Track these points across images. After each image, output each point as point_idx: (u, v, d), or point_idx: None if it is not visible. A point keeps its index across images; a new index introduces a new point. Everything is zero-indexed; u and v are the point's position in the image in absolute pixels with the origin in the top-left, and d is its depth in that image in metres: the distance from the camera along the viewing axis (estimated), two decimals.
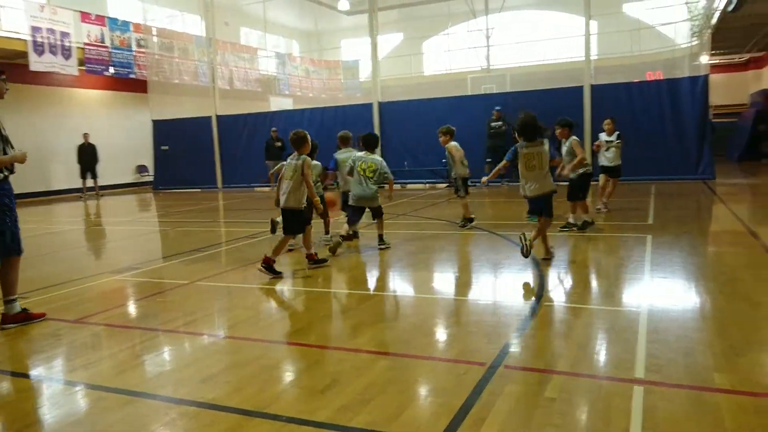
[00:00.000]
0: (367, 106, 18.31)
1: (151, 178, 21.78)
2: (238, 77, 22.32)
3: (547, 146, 6.49)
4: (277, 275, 6.16)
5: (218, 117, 20.07)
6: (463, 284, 5.90)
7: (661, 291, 5.13)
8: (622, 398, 3.01)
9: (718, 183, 14.05)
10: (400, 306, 5.20)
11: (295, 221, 6.42)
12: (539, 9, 25.97)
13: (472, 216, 8.93)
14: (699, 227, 8.28)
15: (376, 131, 17.92)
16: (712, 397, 2.99)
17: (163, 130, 20.68)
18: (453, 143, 8.87)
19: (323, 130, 18.56)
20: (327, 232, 8.08)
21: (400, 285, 6.09)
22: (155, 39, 19.90)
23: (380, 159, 7.77)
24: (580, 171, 7.98)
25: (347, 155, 8.16)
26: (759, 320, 4.16)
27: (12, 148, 4.76)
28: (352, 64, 27.63)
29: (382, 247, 7.51)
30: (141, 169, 22.66)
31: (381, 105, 18.08)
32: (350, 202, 7.73)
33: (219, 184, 20.20)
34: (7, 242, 4.72)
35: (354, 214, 7.77)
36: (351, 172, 7.68)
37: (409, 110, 17.67)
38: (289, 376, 3.61)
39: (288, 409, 3.06)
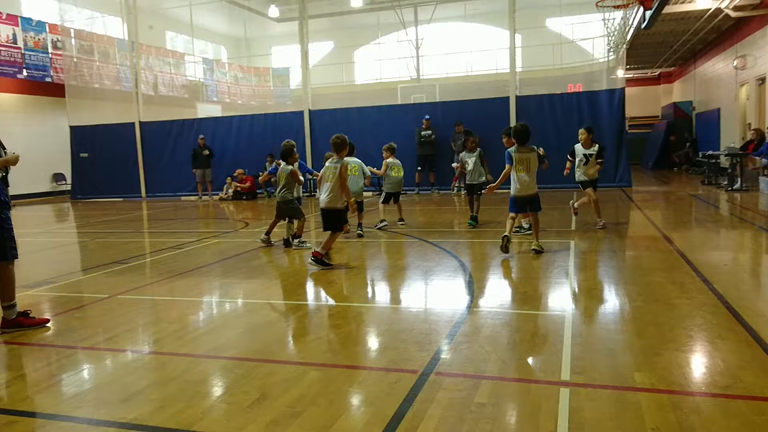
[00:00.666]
0: (298, 114, 18.16)
1: (68, 187, 20.70)
2: (163, 83, 21.67)
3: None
4: (329, 266, 6.68)
5: (142, 123, 19.35)
6: (394, 292, 5.91)
7: (585, 294, 5.31)
8: (549, 401, 3.08)
9: (634, 190, 14.80)
10: (330, 315, 5.14)
11: (335, 219, 6.93)
12: (467, 22, 26.65)
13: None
14: (618, 232, 8.67)
15: (307, 139, 17.80)
16: (633, 396, 3.10)
17: (81, 136, 19.72)
18: (391, 159, 9.83)
19: (252, 137, 18.29)
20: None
21: (331, 294, 6.03)
22: (73, 41, 19.03)
23: (360, 161, 9.07)
24: None
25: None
26: (674, 320, 4.38)
27: (4, 149, 4.77)
28: (283, 72, 27.40)
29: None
30: (58, 177, 21.50)
31: (312, 113, 17.97)
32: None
33: (142, 193, 19.46)
34: (6, 246, 4.65)
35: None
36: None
37: (340, 119, 17.64)
38: (216, 391, 3.49)
39: (214, 427, 2.95)
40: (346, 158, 7.73)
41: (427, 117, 16.27)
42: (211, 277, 6.71)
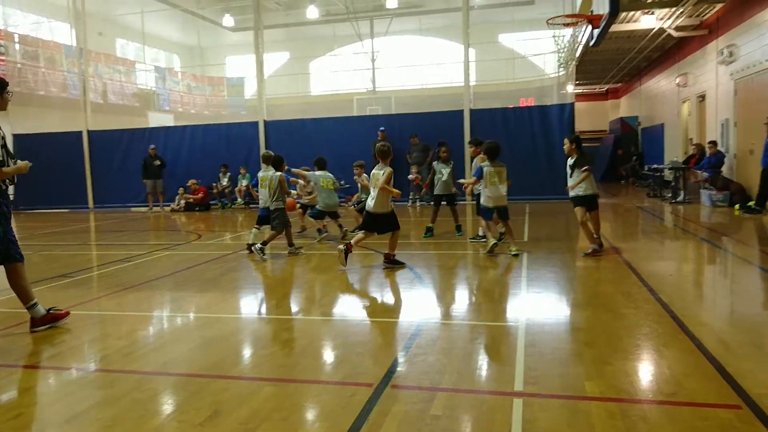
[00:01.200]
0: (253, 125, 17.98)
1: (11, 197, 19.87)
2: (113, 91, 21.13)
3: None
4: (401, 264, 7.14)
5: (90, 132, 18.80)
6: (349, 304, 5.89)
7: (537, 305, 5.42)
8: (503, 412, 3.12)
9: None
10: (285, 329, 5.08)
11: (388, 222, 7.32)
12: (422, 35, 26.99)
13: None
14: (568, 244, 8.89)
15: (262, 150, 17.62)
16: (584, 405, 3.17)
17: (25, 145, 18.94)
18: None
19: (205, 147, 17.99)
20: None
21: (286, 307, 5.97)
22: (17, 46, 18.37)
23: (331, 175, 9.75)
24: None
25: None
26: (622, 330, 4.50)
27: (13, 159, 4.79)
28: (237, 82, 27.10)
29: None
30: None
31: (267, 124, 17.83)
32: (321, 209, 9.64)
33: (90, 203, 18.87)
34: (10, 251, 4.78)
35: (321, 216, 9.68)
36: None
37: (295, 130, 17.56)
38: (166, 409, 3.39)
39: None
40: (320, 173, 8.85)
41: (382, 129, 16.34)
42: (162, 291, 6.54)
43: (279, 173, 8.47)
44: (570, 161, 7.88)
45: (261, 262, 8.00)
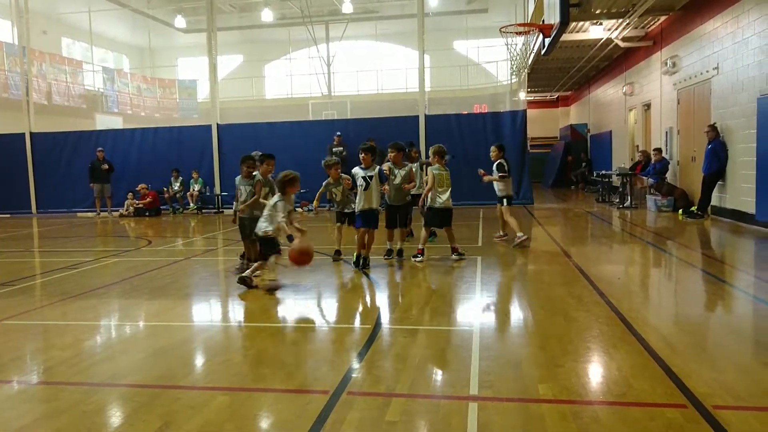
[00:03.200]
0: (206, 128, 17.65)
1: None
2: (58, 92, 20.41)
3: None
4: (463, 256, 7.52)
5: (33, 134, 18.10)
6: (304, 311, 5.83)
7: (491, 309, 5.48)
8: (458, 416, 3.13)
9: (536, 207, 15.53)
10: (239, 337, 4.99)
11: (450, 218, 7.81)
12: (378, 41, 27.09)
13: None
14: (521, 248, 9.03)
15: (215, 154, 17.36)
16: (537, 407, 3.22)
17: None
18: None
19: (156, 151, 17.56)
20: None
21: (239, 314, 5.87)
22: None
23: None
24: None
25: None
26: (573, 333, 4.60)
27: None
28: (189, 84, 26.58)
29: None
30: None
31: (220, 127, 17.54)
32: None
33: (33, 208, 18.15)
34: None
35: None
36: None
37: (249, 134, 17.32)
38: (114, 421, 3.27)
39: None
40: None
41: (338, 133, 16.30)
42: (110, 299, 6.34)
43: (259, 177, 7.65)
44: (494, 166, 9.18)
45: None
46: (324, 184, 8.11)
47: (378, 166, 7.73)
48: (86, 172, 16.99)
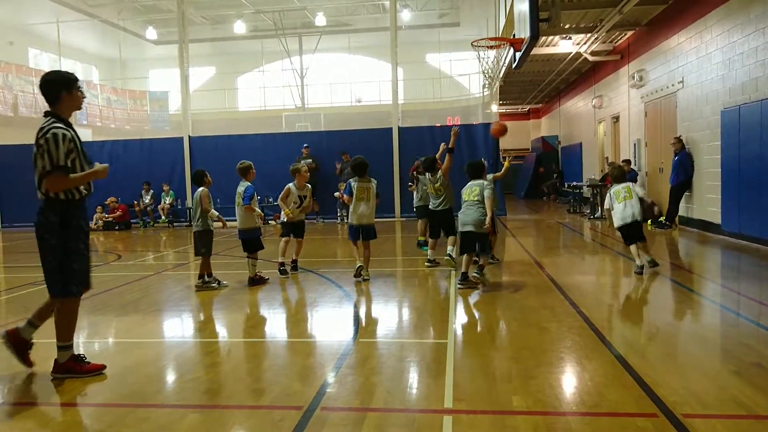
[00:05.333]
0: (177, 141, 17.47)
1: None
2: (25, 103, 19.98)
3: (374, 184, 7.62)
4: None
5: None
6: (277, 325, 5.77)
7: (464, 321, 5.49)
8: (433, 429, 3.12)
9: (508, 218, 15.67)
10: (210, 353, 4.91)
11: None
12: (351, 53, 27.19)
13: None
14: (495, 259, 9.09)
15: (187, 166, 17.17)
16: (511, 419, 3.22)
17: None
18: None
19: (126, 164, 17.29)
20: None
21: (210, 330, 5.78)
22: None
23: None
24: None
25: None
26: (546, 344, 4.63)
27: (89, 163, 4.19)
28: (161, 96, 26.27)
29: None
30: None
31: (192, 139, 17.36)
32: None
33: None
34: (75, 273, 4.11)
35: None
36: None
37: (222, 146, 17.19)
38: None
39: None
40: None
41: (305, 145, 16.20)
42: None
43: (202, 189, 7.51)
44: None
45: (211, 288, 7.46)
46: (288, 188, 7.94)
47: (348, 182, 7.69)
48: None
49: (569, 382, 3.84)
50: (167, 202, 16.88)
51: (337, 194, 9.70)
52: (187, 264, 9.96)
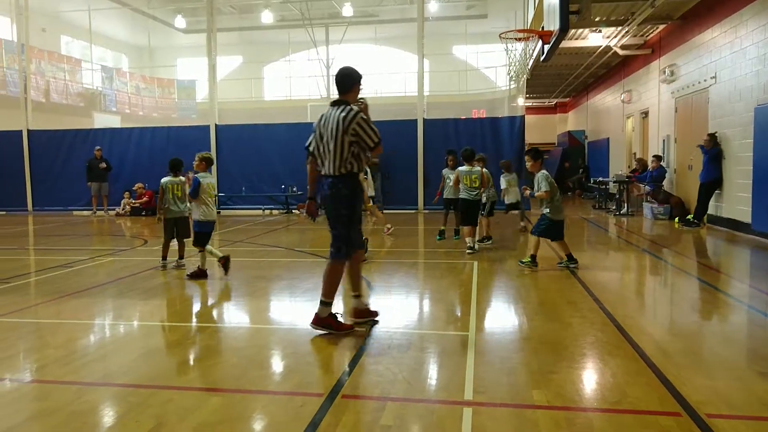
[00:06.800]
0: (204, 129, 17.65)
1: None
2: (56, 89, 20.37)
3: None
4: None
5: (30, 132, 18.07)
6: (299, 313, 5.82)
7: (487, 314, 5.47)
8: (453, 420, 3.12)
9: (532, 213, 15.52)
10: (233, 338, 4.98)
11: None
12: (377, 44, 27.11)
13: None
14: (517, 254, 9.03)
15: (213, 154, 17.33)
16: (532, 413, 3.21)
17: None
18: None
19: (153, 151, 17.52)
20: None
21: (234, 315, 5.86)
22: None
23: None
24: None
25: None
26: (568, 339, 4.60)
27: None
28: (188, 84, 26.54)
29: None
30: None
31: (218, 128, 17.52)
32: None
33: (29, 206, 18.09)
34: (353, 240, 4.86)
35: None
36: None
37: (247, 135, 17.34)
38: (106, 421, 3.25)
39: None
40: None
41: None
42: (104, 298, 6.31)
43: (182, 178, 7.98)
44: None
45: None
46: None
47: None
48: (83, 171, 16.96)
49: (591, 377, 3.81)
50: None
51: None
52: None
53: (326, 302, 4.81)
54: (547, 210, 7.59)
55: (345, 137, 4.64)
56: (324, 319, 4.77)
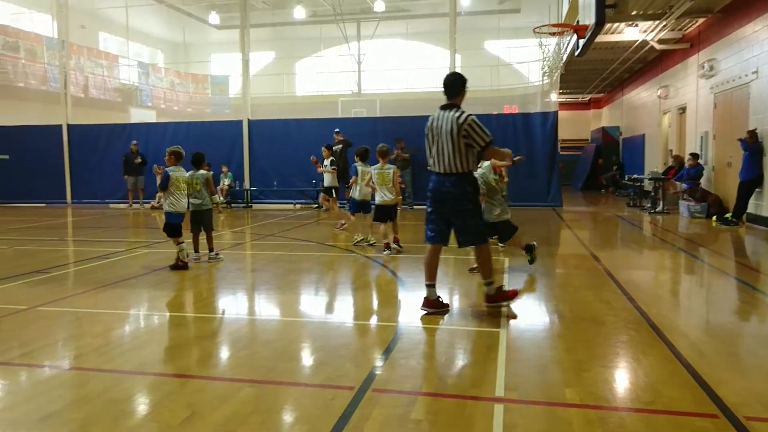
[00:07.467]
0: (237, 124, 17.87)
1: None
2: (95, 85, 20.85)
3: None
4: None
5: (69, 126, 18.53)
6: (330, 306, 5.86)
7: (518, 311, 5.43)
8: (484, 417, 3.11)
9: (564, 210, 15.34)
10: (265, 330, 5.04)
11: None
12: (409, 39, 27.04)
13: None
14: (549, 251, 8.94)
15: (245, 149, 17.56)
16: (564, 411, 3.18)
17: (2, 137, 18.70)
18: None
19: (187, 145, 17.74)
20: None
21: (266, 308, 5.93)
22: None
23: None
24: None
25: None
26: (601, 338, 4.53)
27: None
28: (222, 80, 26.87)
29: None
30: None
31: (251, 123, 17.71)
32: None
33: (68, 198, 18.58)
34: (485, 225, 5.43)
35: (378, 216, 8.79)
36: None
37: (279, 130, 17.49)
38: (142, 409, 3.33)
39: None
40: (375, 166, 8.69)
41: (336, 130, 16.05)
42: (139, 289, 6.45)
43: (203, 172, 8.15)
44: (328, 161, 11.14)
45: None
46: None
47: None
48: (120, 164, 17.34)
49: (624, 377, 3.75)
50: (226, 183, 17.31)
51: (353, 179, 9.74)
52: (243, 244, 10.21)
53: (490, 282, 5.29)
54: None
55: (460, 138, 5.04)
56: (496, 295, 5.32)
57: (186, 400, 3.36)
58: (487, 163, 6.95)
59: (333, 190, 11.22)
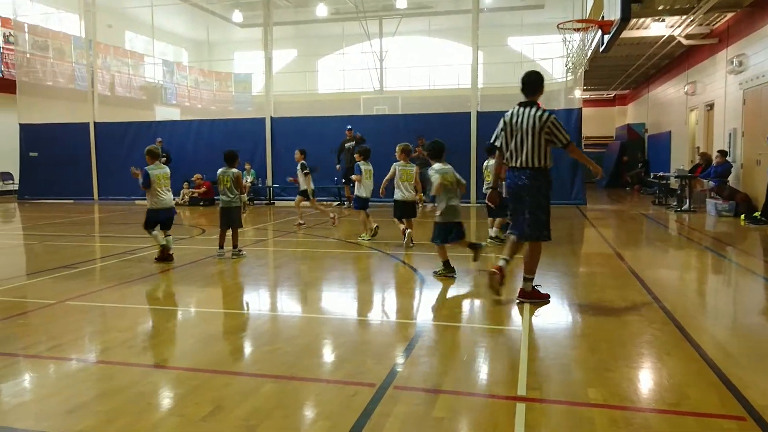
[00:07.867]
0: (259, 121, 17.99)
1: (15, 187, 19.94)
2: (121, 83, 21.18)
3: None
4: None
5: (96, 124, 18.84)
6: (352, 304, 5.88)
7: (540, 310, 5.39)
8: (505, 416, 3.10)
9: (588, 208, 15.17)
10: (287, 326, 5.08)
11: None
12: (431, 36, 26.97)
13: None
14: (572, 249, 8.86)
15: (268, 146, 17.68)
16: (587, 411, 3.15)
17: (32, 135, 19.07)
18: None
19: (211, 142, 18.01)
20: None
21: (289, 304, 5.97)
22: (27, 36, 18.42)
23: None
24: None
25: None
26: (625, 337, 4.48)
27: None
28: (245, 78, 27.12)
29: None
30: (4, 176, 20.73)
31: (273, 120, 17.83)
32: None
33: (95, 195, 18.91)
34: (548, 223, 5.50)
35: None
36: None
37: (301, 127, 17.56)
38: (167, 403, 3.39)
39: None
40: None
41: (348, 127, 16.00)
42: (165, 285, 6.55)
43: (235, 170, 8.20)
44: (298, 166, 11.32)
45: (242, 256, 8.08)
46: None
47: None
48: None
49: (648, 377, 3.71)
50: (249, 180, 17.45)
51: (354, 177, 9.74)
52: (266, 241, 10.30)
53: (529, 278, 5.43)
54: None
55: (542, 135, 5.25)
56: (531, 293, 5.43)
57: (211, 395, 3.41)
58: (440, 165, 6.70)
59: (309, 192, 11.43)
